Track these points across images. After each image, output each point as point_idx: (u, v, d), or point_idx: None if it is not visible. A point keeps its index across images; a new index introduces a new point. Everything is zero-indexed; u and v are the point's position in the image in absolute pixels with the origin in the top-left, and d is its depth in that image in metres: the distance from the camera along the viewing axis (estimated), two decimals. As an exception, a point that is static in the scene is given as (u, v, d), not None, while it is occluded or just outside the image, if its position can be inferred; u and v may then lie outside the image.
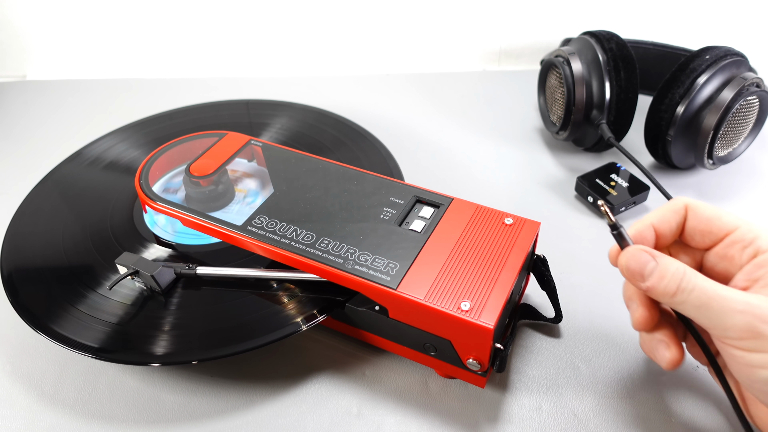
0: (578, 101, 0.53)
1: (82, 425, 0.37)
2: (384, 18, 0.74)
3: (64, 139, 0.63)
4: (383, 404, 0.37)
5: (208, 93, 0.70)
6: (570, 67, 0.53)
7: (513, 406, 0.37)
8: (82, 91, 0.73)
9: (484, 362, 0.34)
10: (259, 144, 0.47)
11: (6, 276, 0.42)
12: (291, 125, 0.58)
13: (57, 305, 0.40)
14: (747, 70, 0.49)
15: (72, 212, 0.48)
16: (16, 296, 0.40)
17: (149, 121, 0.59)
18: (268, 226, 0.39)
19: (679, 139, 0.50)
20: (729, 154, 0.52)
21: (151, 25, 0.75)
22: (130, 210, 0.47)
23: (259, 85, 0.72)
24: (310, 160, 0.45)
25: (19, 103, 0.71)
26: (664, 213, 0.32)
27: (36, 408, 0.38)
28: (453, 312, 0.33)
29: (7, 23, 0.75)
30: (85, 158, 0.54)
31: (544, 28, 0.74)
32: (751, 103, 0.49)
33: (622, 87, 0.51)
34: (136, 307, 0.40)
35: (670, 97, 0.49)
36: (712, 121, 0.48)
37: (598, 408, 0.37)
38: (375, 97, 0.69)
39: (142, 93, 0.72)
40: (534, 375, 0.39)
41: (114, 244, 0.44)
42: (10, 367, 0.41)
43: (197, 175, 0.44)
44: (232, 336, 0.37)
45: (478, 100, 0.68)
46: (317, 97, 0.66)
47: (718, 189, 0.53)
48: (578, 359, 0.39)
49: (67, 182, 0.51)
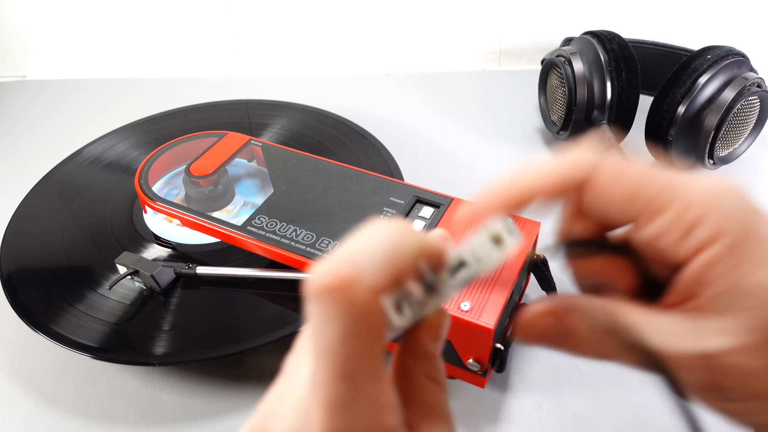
0: (579, 101, 0.53)
1: (82, 425, 0.37)
2: (384, 18, 0.74)
3: (64, 139, 0.63)
4: (383, 404, 0.37)
5: (207, 93, 0.70)
6: (571, 67, 0.53)
7: (513, 406, 0.37)
8: (82, 90, 0.72)
9: (484, 362, 0.34)
10: (259, 144, 0.47)
11: (5, 276, 0.42)
12: (291, 125, 0.58)
13: (56, 305, 0.40)
14: (748, 70, 0.49)
15: (72, 212, 0.48)
16: (15, 296, 0.40)
17: (149, 120, 0.59)
18: (268, 226, 0.39)
19: (680, 139, 0.50)
20: (730, 155, 0.52)
21: (151, 25, 0.75)
22: (129, 210, 0.47)
23: (259, 85, 0.72)
24: (310, 160, 0.45)
25: (19, 102, 0.71)
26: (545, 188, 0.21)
27: (35, 408, 0.38)
28: (453, 312, 0.33)
29: (7, 23, 0.75)
30: (85, 158, 0.54)
31: (544, 27, 0.74)
32: (752, 103, 0.49)
33: (623, 87, 0.51)
34: (136, 307, 0.40)
35: (671, 97, 0.49)
36: (713, 122, 0.48)
37: (598, 408, 0.37)
38: (375, 97, 0.69)
39: (142, 93, 0.72)
40: (534, 375, 0.39)
41: (114, 244, 0.44)
42: (10, 367, 0.41)
43: (197, 175, 0.44)
44: (232, 336, 0.37)
45: (478, 100, 0.68)
46: (317, 97, 0.66)
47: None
48: (578, 359, 0.39)
49: (66, 182, 0.51)
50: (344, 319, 0.16)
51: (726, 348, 0.18)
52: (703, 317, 0.19)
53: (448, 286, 0.19)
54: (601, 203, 0.20)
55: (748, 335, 0.18)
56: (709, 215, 0.19)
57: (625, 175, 0.20)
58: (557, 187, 0.21)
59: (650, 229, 0.20)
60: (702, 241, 0.19)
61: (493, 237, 0.18)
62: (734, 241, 0.18)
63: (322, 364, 0.16)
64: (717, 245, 0.18)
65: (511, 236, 0.18)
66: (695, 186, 0.19)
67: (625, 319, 0.19)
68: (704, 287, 0.19)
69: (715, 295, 0.19)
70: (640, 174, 0.20)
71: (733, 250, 0.18)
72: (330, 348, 0.16)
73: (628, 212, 0.20)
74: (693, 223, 0.19)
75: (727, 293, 0.18)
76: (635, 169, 0.20)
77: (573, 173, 0.20)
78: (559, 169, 0.21)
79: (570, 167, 0.21)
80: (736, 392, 0.18)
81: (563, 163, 0.21)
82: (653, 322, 0.19)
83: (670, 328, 0.19)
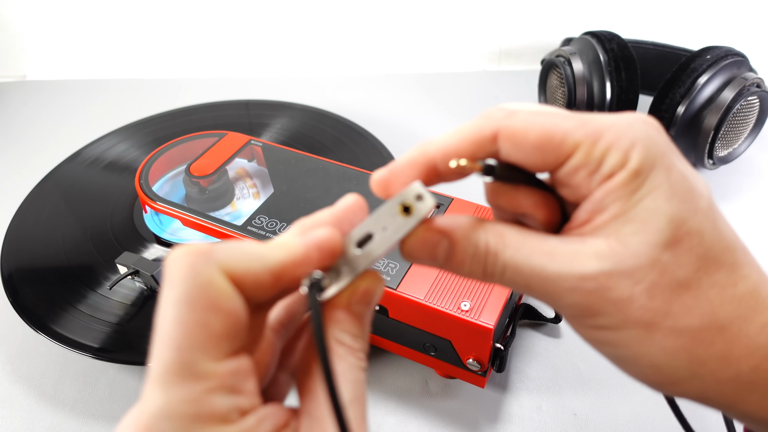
0: (579, 101, 0.53)
1: (82, 425, 0.37)
2: (384, 18, 0.74)
3: (65, 139, 0.63)
4: (384, 404, 0.37)
5: (208, 93, 0.70)
6: (571, 67, 0.53)
7: (513, 405, 0.37)
8: (82, 91, 0.73)
9: (484, 362, 0.34)
10: (259, 144, 0.47)
11: (6, 276, 0.42)
12: (291, 125, 0.58)
13: (57, 305, 0.40)
14: (747, 70, 0.49)
15: (72, 212, 0.48)
16: (16, 296, 0.40)
17: (149, 121, 0.59)
18: (268, 226, 0.39)
19: (679, 139, 0.50)
20: (729, 154, 0.52)
21: (151, 26, 0.75)
22: (130, 210, 0.47)
23: (259, 85, 0.72)
24: (310, 160, 0.45)
25: (19, 103, 0.71)
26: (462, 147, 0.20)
27: (36, 408, 0.38)
28: (453, 312, 0.33)
29: (7, 23, 0.75)
30: (86, 158, 0.54)
31: (544, 28, 0.74)
32: (751, 103, 0.49)
33: (623, 87, 0.52)
34: (136, 307, 0.40)
35: (670, 97, 0.49)
36: (712, 121, 0.48)
37: (598, 408, 0.37)
38: (375, 97, 0.69)
39: (142, 94, 0.72)
40: (534, 375, 0.39)
41: (114, 244, 0.44)
42: (11, 367, 0.41)
43: (197, 175, 0.44)
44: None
45: (478, 100, 0.68)
46: (317, 98, 0.66)
47: (718, 189, 0.53)
48: (578, 359, 0.39)
49: (67, 182, 0.51)
50: (182, 283, 0.17)
51: (599, 270, 0.18)
52: (585, 240, 0.19)
53: (358, 260, 0.20)
54: (516, 152, 0.20)
55: (625, 260, 0.18)
56: (617, 144, 0.18)
57: (535, 120, 0.19)
58: (468, 142, 0.20)
59: (565, 167, 0.19)
60: (609, 171, 0.18)
61: (402, 205, 0.19)
62: (636, 168, 0.18)
63: (156, 332, 0.17)
64: (620, 173, 0.18)
65: (421, 202, 0.19)
66: (604, 119, 0.19)
67: (505, 240, 0.20)
68: (598, 213, 0.19)
69: (605, 220, 0.18)
70: (550, 117, 0.19)
71: (633, 178, 0.18)
72: (163, 314, 0.16)
73: (544, 158, 0.19)
74: (602, 155, 0.18)
75: (616, 219, 0.18)
76: (545, 113, 0.20)
77: (483, 126, 0.20)
78: (469, 125, 0.20)
79: (480, 120, 0.20)
80: (609, 319, 0.18)
81: (473, 120, 0.20)
82: (541, 245, 0.19)
83: (555, 250, 0.19)
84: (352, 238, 0.20)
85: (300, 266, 0.19)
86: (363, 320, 0.20)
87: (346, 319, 0.20)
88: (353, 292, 0.20)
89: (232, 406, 0.17)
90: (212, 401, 0.16)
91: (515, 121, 0.19)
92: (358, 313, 0.20)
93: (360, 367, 0.19)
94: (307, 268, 0.19)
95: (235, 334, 0.17)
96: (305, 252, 0.19)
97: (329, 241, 0.19)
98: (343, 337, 0.19)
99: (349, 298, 0.20)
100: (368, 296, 0.20)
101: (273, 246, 0.19)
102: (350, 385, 0.18)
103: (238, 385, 0.17)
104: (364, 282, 0.20)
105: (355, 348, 0.19)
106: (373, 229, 0.20)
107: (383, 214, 0.19)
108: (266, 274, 0.18)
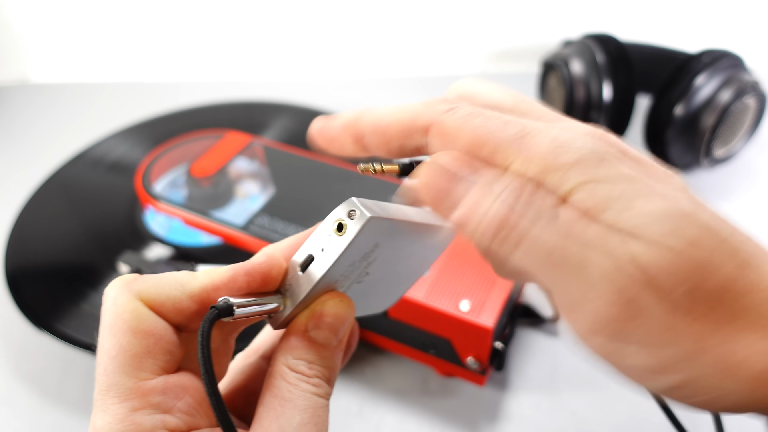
0: (577, 102, 0.53)
1: (84, 423, 0.37)
2: (384, 20, 0.75)
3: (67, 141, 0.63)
4: (383, 403, 0.38)
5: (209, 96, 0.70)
6: (569, 69, 0.54)
7: (512, 404, 0.37)
8: (83, 93, 0.73)
9: (483, 361, 0.34)
10: (261, 145, 0.48)
11: (10, 275, 0.42)
12: (292, 126, 0.58)
13: (59, 304, 0.40)
14: (744, 71, 0.50)
15: (75, 212, 0.48)
16: (19, 295, 0.41)
17: (151, 122, 0.59)
18: (269, 225, 0.40)
19: (676, 140, 0.51)
20: (726, 155, 0.52)
21: (153, 29, 0.75)
22: (132, 210, 0.48)
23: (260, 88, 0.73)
24: (311, 161, 0.45)
25: (22, 105, 0.71)
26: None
27: (38, 406, 0.38)
28: (452, 311, 0.33)
29: (9, 26, 0.75)
30: (88, 159, 0.54)
31: (543, 29, 0.74)
32: (747, 104, 0.49)
33: (620, 88, 0.52)
34: (138, 306, 0.40)
35: (668, 98, 0.50)
36: (709, 122, 0.49)
37: (597, 406, 0.37)
38: (375, 99, 0.70)
39: (144, 96, 0.72)
40: (533, 374, 0.39)
41: (116, 244, 0.45)
42: (13, 365, 0.41)
43: (198, 176, 0.44)
44: (234, 335, 0.37)
45: (478, 102, 0.69)
46: (318, 100, 0.66)
47: (715, 189, 0.54)
48: (577, 358, 0.40)
49: (69, 183, 0.52)
50: (104, 312, 0.19)
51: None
52: None
53: (302, 283, 0.19)
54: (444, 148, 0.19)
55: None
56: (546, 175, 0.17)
57: (471, 123, 0.18)
58: (399, 127, 0.20)
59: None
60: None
61: (336, 224, 0.18)
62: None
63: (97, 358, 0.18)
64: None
65: (352, 220, 0.18)
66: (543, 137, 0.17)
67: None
68: None
69: None
70: (489, 121, 0.18)
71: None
72: (98, 342, 0.19)
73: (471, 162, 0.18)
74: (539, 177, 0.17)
75: None
76: (488, 116, 0.18)
77: (419, 115, 0.19)
78: (407, 110, 0.20)
79: (420, 107, 0.20)
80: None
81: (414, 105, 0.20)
82: None
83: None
84: (296, 261, 0.19)
85: (223, 290, 0.19)
86: (322, 346, 0.20)
87: (299, 345, 0.19)
88: (310, 317, 0.20)
89: (158, 423, 0.17)
90: (138, 419, 0.17)
91: (450, 120, 0.19)
92: (316, 339, 0.19)
93: (314, 393, 0.19)
94: (236, 292, 0.19)
95: (157, 354, 0.18)
96: (231, 277, 0.19)
97: (259, 266, 0.19)
98: (295, 364, 0.19)
99: (305, 323, 0.20)
100: (324, 320, 0.19)
101: (199, 273, 0.20)
102: (299, 411, 0.18)
103: (167, 404, 0.18)
104: (325, 305, 0.20)
105: (309, 375, 0.19)
106: (312, 250, 0.19)
107: (321, 233, 0.19)
108: (186, 299, 0.19)
